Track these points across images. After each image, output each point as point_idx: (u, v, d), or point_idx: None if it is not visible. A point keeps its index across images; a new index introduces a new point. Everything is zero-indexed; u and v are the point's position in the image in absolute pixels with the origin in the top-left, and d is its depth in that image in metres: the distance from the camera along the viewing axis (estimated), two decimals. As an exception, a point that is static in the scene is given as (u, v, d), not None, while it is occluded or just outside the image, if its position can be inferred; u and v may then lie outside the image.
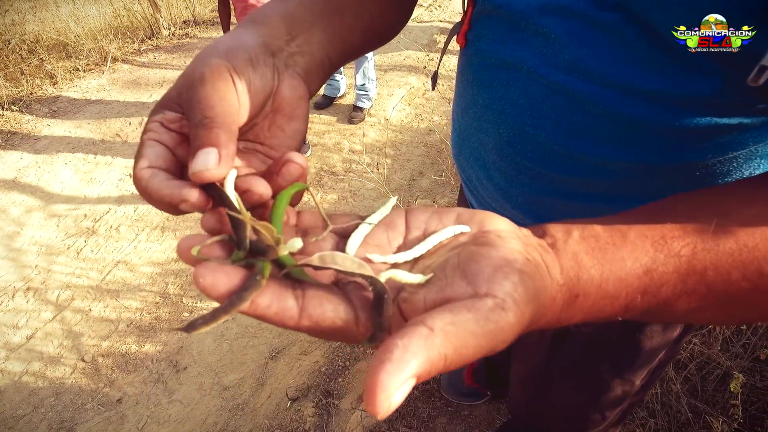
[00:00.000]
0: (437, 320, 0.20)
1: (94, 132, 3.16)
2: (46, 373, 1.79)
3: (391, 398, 0.17)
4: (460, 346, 0.19)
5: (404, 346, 0.18)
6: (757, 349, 1.15)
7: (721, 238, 0.27)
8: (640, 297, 0.27)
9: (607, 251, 0.26)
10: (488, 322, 0.20)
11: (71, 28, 4.42)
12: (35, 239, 2.36)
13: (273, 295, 0.22)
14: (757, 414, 1.08)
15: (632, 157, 0.40)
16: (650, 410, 1.16)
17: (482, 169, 0.51)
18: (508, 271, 0.22)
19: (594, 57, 0.36)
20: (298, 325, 0.22)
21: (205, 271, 0.22)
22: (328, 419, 1.51)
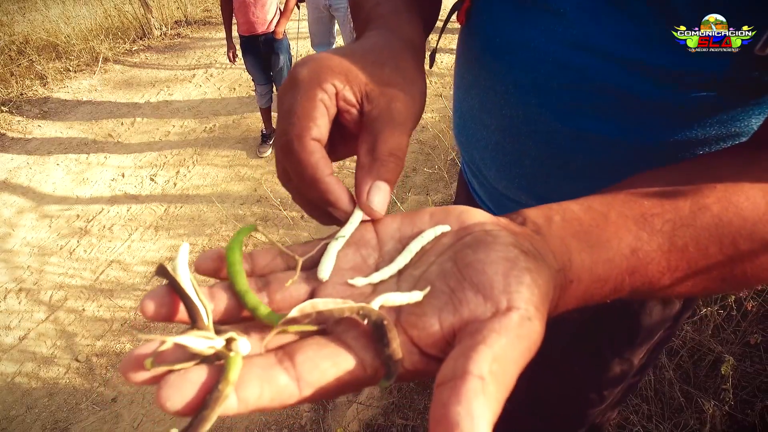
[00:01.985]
0: (481, 363, 0.18)
1: (86, 132, 3.14)
2: (40, 373, 1.77)
3: None
4: (507, 381, 0.18)
5: (469, 413, 0.16)
6: (747, 334, 1.16)
7: (697, 214, 0.27)
8: (628, 278, 0.26)
9: (591, 234, 0.26)
10: (522, 340, 0.19)
11: (61, 29, 4.39)
12: (27, 240, 2.34)
13: (260, 380, 0.19)
14: (748, 398, 1.10)
15: (637, 135, 0.39)
16: (644, 397, 1.17)
17: (485, 150, 0.51)
18: (518, 275, 0.21)
19: (603, 32, 0.36)
20: (300, 399, 0.20)
21: (168, 391, 0.18)
22: (324, 414, 1.51)
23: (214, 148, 2.87)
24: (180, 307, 0.22)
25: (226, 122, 3.11)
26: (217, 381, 0.18)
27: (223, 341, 0.20)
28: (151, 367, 0.19)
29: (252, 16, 2.35)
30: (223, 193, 2.52)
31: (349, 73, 0.29)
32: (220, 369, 0.19)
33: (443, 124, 2.76)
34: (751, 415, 1.06)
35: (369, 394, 1.48)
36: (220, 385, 0.18)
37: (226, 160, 2.77)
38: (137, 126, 3.17)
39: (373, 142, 0.28)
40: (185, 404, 0.18)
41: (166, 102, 3.41)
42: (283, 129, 0.27)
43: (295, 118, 0.27)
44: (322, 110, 0.27)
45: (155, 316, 0.22)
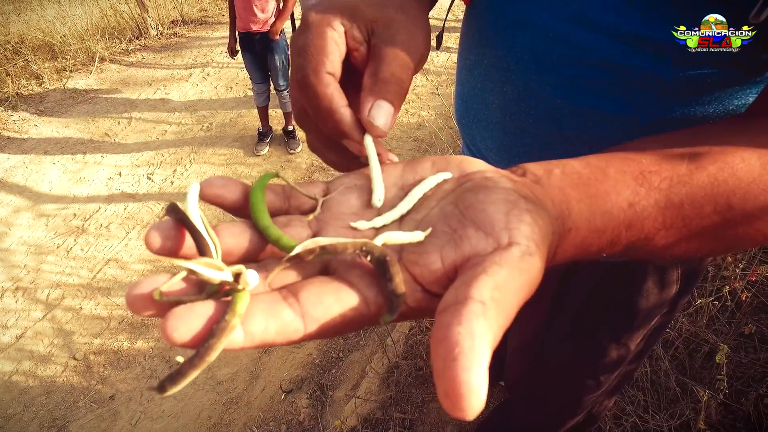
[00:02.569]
0: (483, 290, 0.18)
1: (83, 131, 3.13)
2: (37, 372, 1.77)
3: (481, 395, 0.15)
4: (508, 309, 0.18)
5: (469, 332, 0.16)
6: (742, 325, 1.17)
7: (694, 173, 0.27)
8: (624, 231, 0.26)
9: (590, 185, 0.26)
10: (522, 273, 0.19)
11: (57, 28, 4.38)
12: (24, 239, 2.34)
13: (265, 314, 0.19)
14: (743, 388, 1.10)
15: (637, 111, 0.40)
16: (640, 387, 1.17)
17: (486, 129, 0.52)
18: (519, 213, 0.21)
19: (603, 7, 0.36)
20: (306, 334, 0.20)
21: (175, 321, 0.18)
22: (322, 410, 1.52)
23: (211, 147, 2.87)
24: (186, 243, 0.22)
25: (223, 121, 3.11)
26: (224, 312, 0.18)
27: (231, 273, 0.20)
28: (160, 298, 0.19)
29: (249, 13, 2.35)
30: (220, 191, 2.52)
31: (355, 12, 0.30)
32: (227, 304, 0.19)
33: (440, 121, 2.77)
34: (745, 404, 1.06)
35: (367, 388, 1.49)
36: (227, 316, 0.18)
37: (223, 158, 2.77)
38: (134, 125, 3.17)
39: (376, 66, 0.29)
40: (192, 335, 0.18)
41: (163, 101, 3.41)
42: (298, 66, 0.29)
43: (309, 55, 0.28)
44: (333, 47, 0.29)
45: (161, 249, 0.21)
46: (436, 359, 0.16)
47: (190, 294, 0.20)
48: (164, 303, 0.19)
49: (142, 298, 0.19)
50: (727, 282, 1.16)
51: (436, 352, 0.16)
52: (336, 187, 0.27)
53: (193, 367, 0.17)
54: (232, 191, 0.24)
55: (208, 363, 0.18)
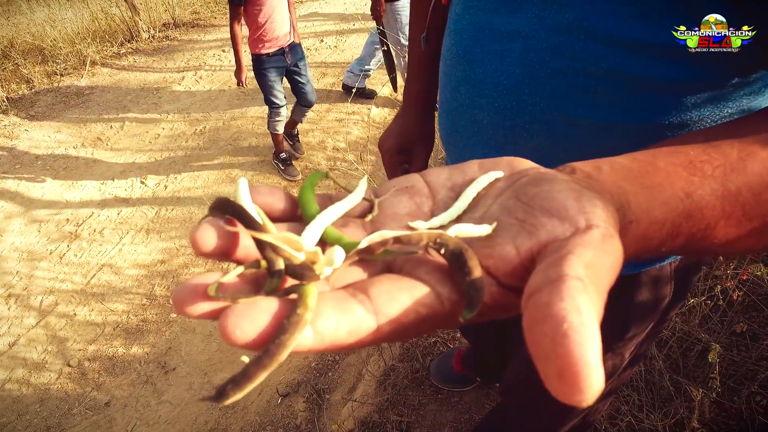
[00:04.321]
0: (575, 267, 0.16)
1: (75, 136, 3.11)
2: (31, 379, 1.75)
3: (600, 373, 0.14)
4: (602, 289, 0.17)
5: (576, 308, 0.14)
6: (733, 323, 1.19)
7: (746, 160, 0.26)
8: (684, 221, 0.25)
9: (643, 178, 0.25)
10: (607, 254, 0.18)
11: (47, 32, 4.34)
12: (16, 245, 2.32)
13: (335, 312, 0.17)
14: (735, 386, 1.12)
15: (634, 118, 0.39)
16: (634, 387, 1.18)
17: (476, 147, 0.51)
18: (590, 198, 0.20)
19: (594, 14, 0.36)
20: (378, 334, 0.18)
21: (238, 318, 0.16)
22: (319, 413, 1.52)
23: (204, 150, 2.86)
24: (240, 242, 0.19)
25: (216, 124, 3.10)
26: (295, 306, 0.16)
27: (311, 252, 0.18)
28: (216, 294, 0.17)
29: (282, 24, 2.24)
30: (214, 194, 2.51)
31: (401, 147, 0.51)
32: (292, 302, 0.17)
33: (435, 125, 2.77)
34: (737, 402, 1.08)
35: (363, 391, 1.49)
36: (299, 309, 0.16)
37: (216, 161, 2.76)
38: (127, 129, 3.15)
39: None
40: (258, 333, 0.16)
41: (156, 105, 3.39)
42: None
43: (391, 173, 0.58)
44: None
45: (215, 250, 0.19)
46: (540, 339, 0.15)
47: (246, 292, 0.18)
48: (218, 301, 0.17)
49: (193, 293, 0.17)
50: (719, 281, 1.18)
51: (539, 331, 0.15)
52: (387, 190, 0.25)
53: (263, 367, 0.15)
54: (280, 199, 0.23)
55: (279, 362, 0.15)
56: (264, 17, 2.18)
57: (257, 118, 3.08)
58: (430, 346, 1.55)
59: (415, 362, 1.51)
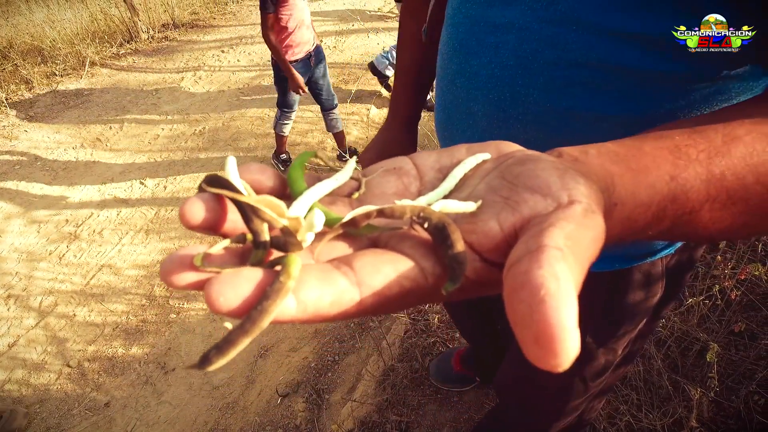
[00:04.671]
0: (555, 238, 0.16)
1: (74, 137, 3.11)
2: (30, 380, 1.76)
3: (575, 337, 0.14)
4: (583, 261, 0.17)
5: (553, 275, 0.15)
6: (732, 323, 1.19)
7: (730, 145, 0.26)
8: (670, 204, 0.25)
9: (630, 161, 0.25)
10: (588, 229, 0.18)
11: (46, 32, 4.35)
12: (15, 246, 2.32)
13: (319, 282, 0.17)
14: (733, 385, 1.12)
15: (627, 109, 0.40)
16: (633, 386, 1.19)
17: (472, 140, 0.51)
18: (574, 176, 0.20)
19: (588, 5, 0.36)
20: (361, 306, 0.18)
21: (222, 286, 0.16)
22: (318, 413, 1.52)
23: (204, 151, 2.86)
24: (227, 216, 0.20)
25: (216, 125, 3.10)
26: (278, 275, 0.16)
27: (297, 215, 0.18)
28: (201, 264, 0.17)
29: (309, 29, 2.23)
30: (213, 195, 2.51)
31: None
32: (276, 272, 0.17)
33: (432, 123, 2.78)
34: (735, 401, 1.08)
35: (363, 391, 1.49)
36: (282, 277, 0.16)
37: (216, 162, 2.76)
38: (126, 130, 3.15)
39: None
40: (242, 300, 0.16)
41: (155, 105, 3.39)
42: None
43: None
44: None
45: (203, 223, 0.19)
46: (519, 305, 0.15)
47: (232, 264, 0.18)
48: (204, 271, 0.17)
49: (180, 264, 0.17)
50: (717, 281, 1.18)
51: (517, 299, 0.15)
52: (374, 171, 0.26)
53: (245, 333, 0.15)
54: (269, 177, 0.23)
55: (261, 329, 0.15)
56: (294, 22, 2.15)
57: (256, 118, 3.09)
58: (429, 346, 1.55)
59: (414, 362, 1.51)
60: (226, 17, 4.94)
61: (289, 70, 2.17)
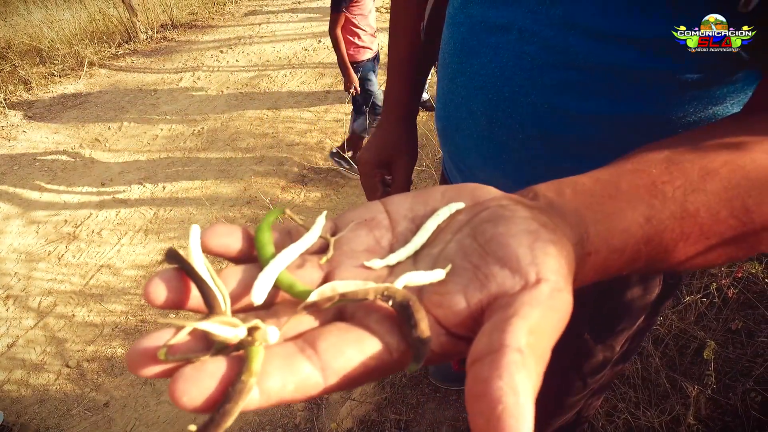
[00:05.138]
0: (518, 336, 0.17)
1: (73, 137, 3.11)
2: (29, 380, 1.76)
3: None
4: (544, 353, 0.17)
5: (512, 388, 0.15)
6: (729, 321, 1.20)
7: (706, 179, 0.27)
8: (644, 246, 0.26)
9: (605, 204, 0.25)
10: (554, 311, 0.18)
11: (45, 33, 4.34)
12: (14, 246, 2.32)
13: (282, 371, 0.18)
14: (730, 383, 1.13)
15: (625, 110, 0.40)
16: (631, 384, 1.19)
17: (471, 138, 0.51)
18: (543, 246, 0.20)
19: (583, 10, 0.37)
20: (326, 388, 0.18)
21: (185, 384, 0.16)
22: (318, 412, 1.52)
23: (203, 151, 2.87)
24: (191, 294, 0.20)
25: (214, 125, 3.10)
26: (240, 372, 0.17)
27: (246, 329, 0.18)
28: (165, 358, 0.17)
29: (373, 33, 2.23)
30: (212, 195, 2.52)
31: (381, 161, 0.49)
32: (240, 360, 0.17)
33: (431, 123, 2.78)
34: (733, 398, 1.09)
35: (362, 390, 1.49)
36: (243, 375, 0.16)
37: (214, 162, 2.76)
38: (125, 130, 3.15)
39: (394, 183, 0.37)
40: (205, 399, 0.16)
41: (154, 106, 3.39)
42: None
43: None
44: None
45: (166, 303, 0.20)
46: (476, 417, 0.15)
47: (197, 350, 0.18)
48: (169, 362, 0.17)
49: (145, 357, 0.17)
50: (714, 279, 1.18)
51: (475, 409, 0.15)
52: (345, 224, 0.25)
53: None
54: (237, 239, 0.23)
55: (224, 429, 0.16)
56: (364, 22, 2.14)
57: (255, 118, 3.09)
58: (428, 345, 1.56)
59: (413, 361, 1.51)
60: (225, 17, 4.94)
61: (348, 68, 2.17)
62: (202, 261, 0.20)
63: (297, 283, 0.21)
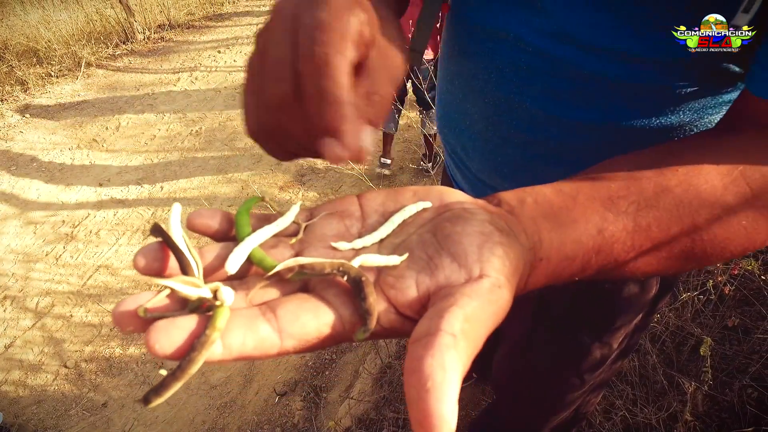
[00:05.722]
0: (454, 322, 0.19)
1: (70, 138, 3.10)
2: (27, 381, 1.75)
3: (452, 424, 0.16)
4: (477, 339, 0.19)
5: (441, 365, 0.17)
6: (725, 317, 1.20)
7: (660, 196, 0.29)
8: (594, 256, 0.27)
9: (561, 215, 0.27)
10: (491, 304, 0.20)
11: (41, 33, 4.33)
12: (11, 247, 2.31)
13: (243, 329, 0.20)
14: (727, 380, 1.13)
15: (615, 120, 0.41)
16: (629, 381, 1.20)
17: (469, 140, 0.52)
18: (491, 247, 0.22)
19: (579, 23, 0.37)
20: (282, 350, 0.21)
21: (158, 334, 0.19)
22: (316, 411, 1.52)
23: (200, 151, 2.86)
24: (170, 263, 0.23)
25: (212, 125, 3.10)
26: (205, 327, 0.19)
27: (209, 290, 0.21)
28: (144, 314, 0.20)
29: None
30: (210, 195, 2.52)
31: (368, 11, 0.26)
32: (208, 318, 0.20)
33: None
34: (729, 394, 1.09)
35: (360, 389, 1.49)
36: (208, 330, 0.19)
37: (213, 162, 2.76)
38: (122, 130, 3.15)
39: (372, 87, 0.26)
40: (174, 348, 0.19)
41: (151, 106, 3.39)
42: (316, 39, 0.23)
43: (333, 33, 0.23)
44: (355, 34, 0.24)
45: (146, 269, 0.22)
46: (409, 389, 0.17)
47: (173, 310, 0.21)
48: (149, 319, 0.20)
49: (127, 315, 0.20)
50: (711, 276, 1.19)
51: (409, 382, 0.17)
52: (319, 213, 0.28)
53: (175, 379, 0.18)
54: (218, 220, 0.26)
55: (189, 375, 0.18)
56: None
57: (253, 118, 3.09)
58: (426, 344, 1.56)
59: (411, 360, 1.51)
60: (222, 18, 4.93)
61: None
62: (180, 234, 0.23)
63: (267, 258, 0.24)
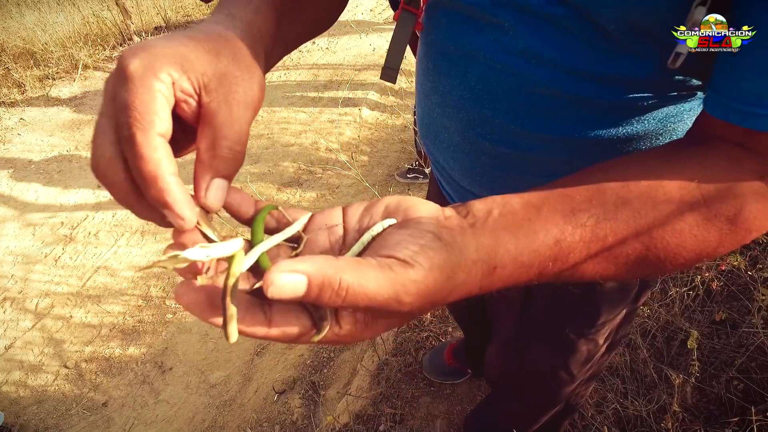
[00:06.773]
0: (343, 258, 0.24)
1: (68, 140, 3.11)
2: (28, 381, 1.77)
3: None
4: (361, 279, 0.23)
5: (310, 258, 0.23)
6: (713, 312, 1.23)
7: (619, 208, 0.31)
8: (551, 264, 0.30)
9: (522, 226, 0.29)
10: (389, 270, 0.24)
11: (38, 36, 4.33)
12: (10, 249, 2.32)
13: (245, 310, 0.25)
14: (715, 372, 1.16)
15: (584, 133, 0.43)
16: (620, 375, 1.22)
17: (448, 151, 0.54)
18: (410, 242, 0.26)
19: (544, 44, 0.40)
20: (267, 334, 0.25)
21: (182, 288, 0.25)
22: (315, 409, 1.54)
23: (198, 153, 2.87)
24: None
25: (210, 126, 3.11)
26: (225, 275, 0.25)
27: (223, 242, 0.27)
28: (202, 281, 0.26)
29: None
30: (208, 196, 2.53)
31: (184, 62, 0.27)
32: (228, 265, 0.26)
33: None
34: (717, 386, 1.12)
35: (358, 385, 1.52)
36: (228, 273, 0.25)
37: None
38: (120, 132, 3.15)
39: (213, 136, 0.28)
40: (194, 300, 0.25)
41: (149, 108, 3.39)
42: (123, 123, 0.25)
43: (135, 112, 0.25)
44: (162, 102, 0.26)
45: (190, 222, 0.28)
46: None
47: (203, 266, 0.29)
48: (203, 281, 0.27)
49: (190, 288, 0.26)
50: (699, 272, 1.22)
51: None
52: (315, 225, 0.33)
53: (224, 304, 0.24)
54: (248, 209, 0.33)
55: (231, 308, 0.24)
56: None
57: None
58: (422, 341, 1.58)
59: (408, 356, 1.54)
60: (219, 19, 4.93)
61: None
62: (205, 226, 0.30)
63: (269, 263, 0.29)
